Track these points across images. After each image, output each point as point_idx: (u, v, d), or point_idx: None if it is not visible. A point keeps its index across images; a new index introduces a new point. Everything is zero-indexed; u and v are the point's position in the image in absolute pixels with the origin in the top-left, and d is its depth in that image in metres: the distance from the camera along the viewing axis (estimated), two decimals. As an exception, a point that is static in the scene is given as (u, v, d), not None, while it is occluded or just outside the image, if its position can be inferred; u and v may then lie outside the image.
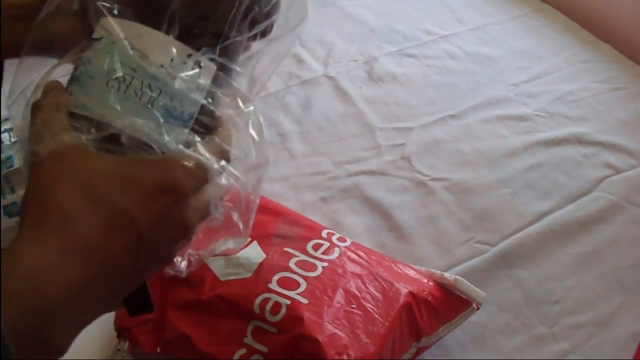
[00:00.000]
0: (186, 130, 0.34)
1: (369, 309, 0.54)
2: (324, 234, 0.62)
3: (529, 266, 0.72)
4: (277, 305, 0.52)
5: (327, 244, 0.60)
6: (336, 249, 0.60)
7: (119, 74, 0.33)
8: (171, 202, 0.31)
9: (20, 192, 0.66)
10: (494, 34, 1.13)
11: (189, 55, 0.34)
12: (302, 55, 1.06)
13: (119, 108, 0.33)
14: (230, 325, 0.52)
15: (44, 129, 0.32)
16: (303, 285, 0.54)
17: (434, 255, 0.72)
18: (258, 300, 0.52)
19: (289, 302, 0.52)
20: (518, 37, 1.12)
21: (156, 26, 0.34)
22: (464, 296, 0.60)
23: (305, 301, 0.53)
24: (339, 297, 0.54)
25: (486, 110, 0.95)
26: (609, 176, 0.84)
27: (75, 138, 0.31)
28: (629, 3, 1.11)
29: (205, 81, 0.35)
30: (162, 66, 0.33)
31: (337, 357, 0.49)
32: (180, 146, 0.33)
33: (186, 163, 0.32)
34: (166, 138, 0.33)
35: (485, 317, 0.66)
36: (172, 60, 0.34)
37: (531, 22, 1.16)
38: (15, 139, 0.69)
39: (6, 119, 0.74)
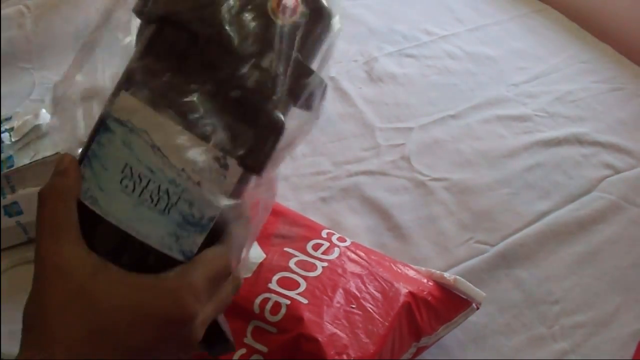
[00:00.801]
0: (203, 236, 0.32)
1: (369, 308, 0.54)
2: (323, 234, 0.62)
3: (528, 266, 0.72)
4: (277, 305, 0.52)
5: (327, 244, 0.60)
6: (336, 249, 0.60)
7: (135, 175, 0.30)
8: (179, 329, 0.30)
9: (21, 191, 0.66)
10: (493, 34, 1.13)
11: (216, 158, 0.31)
12: (302, 55, 1.06)
13: (131, 213, 0.30)
14: (230, 325, 0.52)
15: (49, 230, 0.30)
16: (303, 285, 0.54)
17: (433, 255, 0.72)
18: (258, 300, 0.52)
19: (288, 302, 0.52)
20: (518, 37, 1.12)
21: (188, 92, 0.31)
22: (463, 296, 0.60)
23: (305, 301, 0.53)
24: (339, 297, 0.55)
25: (486, 110, 0.95)
26: (608, 176, 0.84)
27: (82, 250, 0.30)
28: (629, 3, 1.11)
29: (230, 184, 0.32)
30: (183, 170, 0.30)
31: (336, 357, 0.49)
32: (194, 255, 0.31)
33: (199, 284, 0.31)
34: (180, 248, 0.31)
35: (485, 317, 0.66)
36: (195, 163, 0.31)
37: (531, 23, 1.16)
38: (16, 139, 0.69)
39: (6, 119, 0.74)
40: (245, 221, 0.35)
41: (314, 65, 0.35)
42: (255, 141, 0.32)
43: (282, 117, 0.32)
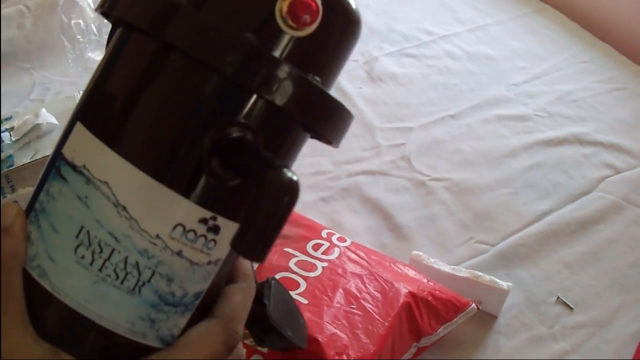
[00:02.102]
0: (187, 317, 0.25)
1: (369, 309, 0.54)
2: (323, 234, 0.62)
3: (529, 266, 0.72)
4: (277, 305, 0.52)
5: (327, 244, 0.60)
6: (336, 249, 0.60)
7: (94, 242, 0.23)
8: None
9: (21, 191, 0.66)
10: (493, 34, 1.13)
11: (202, 220, 0.23)
12: (302, 55, 1.06)
13: (90, 292, 0.23)
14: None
15: None
16: (303, 285, 0.54)
17: (434, 255, 0.72)
18: (258, 300, 0.52)
19: (288, 302, 0.52)
20: (518, 37, 1.12)
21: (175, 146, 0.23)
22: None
23: (305, 301, 0.53)
24: (339, 297, 0.55)
25: (486, 110, 0.95)
26: (608, 176, 0.84)
27: (29, 337, 0.23)
28: (629, 3, 1.11)
29: (222, 251, 0.25)
30: (158, 236, 0.23)
31: (336, 357, 0.49)
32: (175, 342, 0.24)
33: None
34: (156, 334, 0.24)
35: (485, 317, 0.66)
36: (174, 227, 0.23)
37: (531, 22, 1.16)
38: (16, 138, 0.69)
39: (6, 119, 0.74)
40: (246, 283, 0.28)
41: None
42: (253, 214, 0.20)
43: (294, 176, 0.21)
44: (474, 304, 0.62)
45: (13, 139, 0.69)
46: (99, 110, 0.25)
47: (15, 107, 0.90)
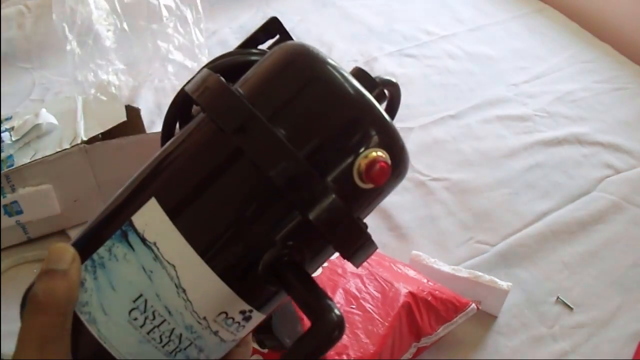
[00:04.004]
0: None
1: (369, 309, 0.54)
2: (323, 233, 0.62)
3: (528, 266, 0.72)
4: (276, 305, 0.52)
5: (327, 244, 0.60)
6: (336, 248, 0.60)
7: (149, 311, 0.25)
8: None
9: (21, 191, 0.66)
10: (494, 34, 1.13)
11: (242, 312, 0.27)
12: (302, 55, 1.06)
13: (134, 348, 0.26)
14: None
15: (37, 343, 0.25)
16: (303, 285, 0.54)
17: (434, 255, 0.72)
18: (258, 300, 0.52)
19: (288, 302, 0.52)
20: (518, 37, 1.12)
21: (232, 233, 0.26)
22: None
23: (305, 301, 0.53)
24: (339, 297, 0.55)
25: (486, 110, 0.95)
26: (608, 176, 0.84)
27: None
28: (629, 3, 1.11)
29: (245, 332, 0.29)
30: (205, 318, 0.26)
31: (336, 358, 0.49)
32: None
33: None
34: None
35: (485, 317, 0.66)
36: (220, 314, 0.26)
37: (531, 22, 1.16)
38: (16, 138, 0.69)
39: (6, 119, 0.74)
40: (245, 348, 0.32)
41: None
42: (306, 342, 0.25)
43: (339, 312, 0.25)
44: (473, 304, 0.62)
45: (13, 139, 0.69)
46: (175, 192, 0.27)
47: (15, 107, 0.90)
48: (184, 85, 0.29)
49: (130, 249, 0.26)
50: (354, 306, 0.54)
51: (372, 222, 0.84)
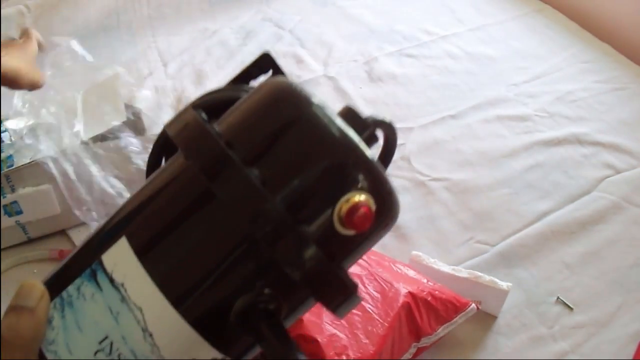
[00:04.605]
0: None
1: (368, 309, 0.54)
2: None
3: (528, 266, 0.72)
4: (276, 305, 0.52)
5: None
6: (336, 249, 0.60)
7: (114, 353, 0.25)
8: None
9: (21, 191, 0.66)
10: (494, 34, 1.13)
11: None
12: (302, 55, 1.06)
13: None
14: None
15: None
16: (303, 285, 0.54)
17: (434, 255, 0.72)
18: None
19: (288, 302, 0.52)
20: (518, 37, 1.12)
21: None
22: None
23: (304, 301, 0.53)
24: (339, 297, 0.54)
25: (486, 110, 0.95)
26: (608, 176, 0.84)
27: None
28: (629, 3, 1.11)
29: None
30: None
31: (336, 358, 0.49)
32: None
33: None
34: None
35: (485, 317, 0.66)
36: None
37: (531, 22, 1.16)
38: (16, 138, 0.69)
39: (6, 119, 0.74)
40: None
41: None
42: None
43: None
44: (473, 304, 0.62)
45: (13, 139, 0.69)
46: (145, 232, 0.26)
47: (15, 107, 0.90)
48: (166, 123, 0.28)
49: (98, 289, 0.25)
50: (353, 306, 0.54)
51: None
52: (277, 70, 0.32)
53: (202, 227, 0.25)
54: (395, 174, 0.84)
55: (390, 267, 0.61)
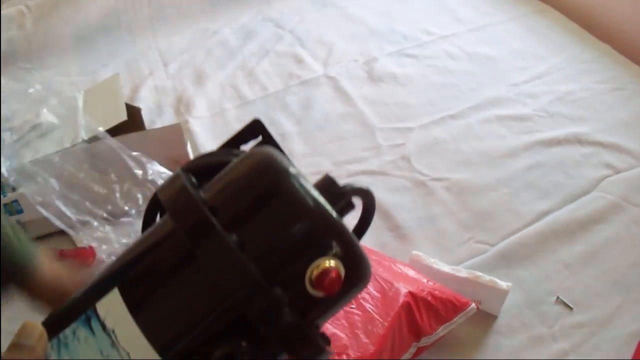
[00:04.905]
0: None
1: (369, 309, 0.54)
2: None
3: (528, 266, 0.72)
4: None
5: (327, 244, 0.60)
6: (336, 248, 0.60)
7: None
8: None
9: (21, 190, 0.66)
10: (493, 34, 1.13)
11: None
12: (302, 55, 1.06)
13: None
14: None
15: None
16: (303, 284, 0.54)
17: (434, 255, 0.72)
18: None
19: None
20: (518, 37, 1.12)
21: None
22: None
23: (305, 301, 0.53)
24: (339, 296, 0.55)
25: (486, 110, 0.95)
26: (608, 176, 0.84)
27: None
28: (629, 3, 1.11)
29: None
30: None
31: (336, 357, 0.49)
32: None
33: None
34: None
35: (485, 316, 0.66)
36: None
37: (531, 23, 1.16)
38: (16, 138, 0.69)
39: (7, 119, 0.74)
40: None
41: None
42: None
43: None
44: (473, 304, 0.62)
45: (14, 138, 0.69)
46: (136, 287, 0.28)
47: (15, 107, 0.90)
48: (158, 188, 0.30)
49: (91, 333, 0.28)
50: (353, 306, 0.54)
51: (372, 222, 0.84)
52: (267, 137, 0.34)
53: (186, 285, 0.27)
54: (395, 174, 0.84)
55: (390, 267, 0.61)
